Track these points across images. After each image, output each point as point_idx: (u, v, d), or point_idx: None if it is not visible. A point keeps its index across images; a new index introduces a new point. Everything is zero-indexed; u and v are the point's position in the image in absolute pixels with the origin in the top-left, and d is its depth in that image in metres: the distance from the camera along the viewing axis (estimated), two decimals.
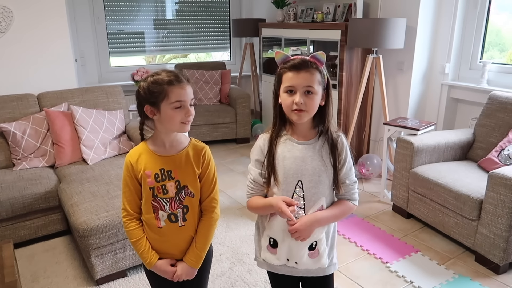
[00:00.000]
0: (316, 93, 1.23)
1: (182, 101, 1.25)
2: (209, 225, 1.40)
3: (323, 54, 1.24)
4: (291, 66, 1.23)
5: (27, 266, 2.33)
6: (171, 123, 1.27)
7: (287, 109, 1.25)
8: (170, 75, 1.26)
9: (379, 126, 3.74)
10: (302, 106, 1.22)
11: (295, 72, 1.22)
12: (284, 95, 1.25)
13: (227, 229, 2.75)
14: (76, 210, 2.15)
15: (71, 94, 3.08)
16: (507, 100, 2.68)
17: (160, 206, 1.34)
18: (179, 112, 1.25)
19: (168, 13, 4.92)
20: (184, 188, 1.34)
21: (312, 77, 1.22)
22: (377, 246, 2.53)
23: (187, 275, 1.41)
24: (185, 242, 1.40)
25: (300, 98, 1.21)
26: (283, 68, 1.25)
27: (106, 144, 2.95)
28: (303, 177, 1.28)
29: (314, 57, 1.24)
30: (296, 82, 1.22)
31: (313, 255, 1.35)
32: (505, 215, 2.12)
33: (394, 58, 3.48)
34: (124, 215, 1.37)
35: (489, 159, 2.59)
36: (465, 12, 3.19)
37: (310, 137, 1.31)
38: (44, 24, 3.12)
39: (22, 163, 2.74)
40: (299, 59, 1.23)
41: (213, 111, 4.40)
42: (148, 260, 1.37)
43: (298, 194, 1.29)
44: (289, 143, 1.30)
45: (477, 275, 2.25)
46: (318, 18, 3.98)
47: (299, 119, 1.25)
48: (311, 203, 1.30)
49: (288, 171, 1.28)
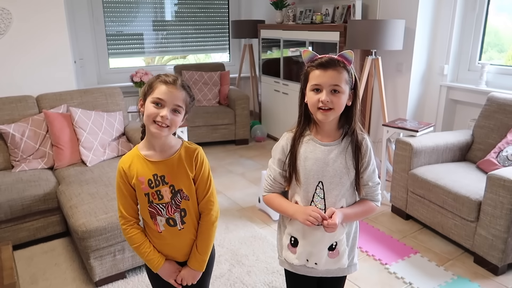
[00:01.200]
0: (343, 92, 1.22)
1: (161, 99, 1.24)
2: (208, 227, 1.39)
3: (351, 53, 1.22)
4: (318, 64, 1.22)
5: (26, 268, 2.33)
6: (146, 118, 1.26)
7: (313, 108, 1.24)
8: (170, 77, 1.26)
9: (378, 127, 3.75)
10: (329, 104, 1.20)
11: (322, 70, 1.21)
12: (310, 93, 1.24)
13: (226, 230, 2.75)
14: (75, 212, 2.15)
15: (70, 96, 3.08)
16: (505, 102, 2.69)
17: (157, 211, 1.33)
18: (155, 109, 1.24)
19: (167, 14, 4.93)
20: (179, 192, 1.33)
21: (339, 76, 1.21)
22: (376, 248, 2.53)
23: (192, 279, 1.41)
24: (186, 245, 1.40)
25: (326, 96, 1.20)
26: (310, 66, 1.24)
27: (105, 146, 2.95)
28: (324, 179, 1.28)
29: (342, 56, 1.22)
30: (323, 80, 1.21)
31: (333, 255, 1.35)
32: (504, 217, 2.12)
33: (393, 59, 3.48)
34: (123, 222, 1.36)
35: (487, 160, 2.59)
36: (464, 13, 3.20)
37: (334, 138, 1.30)
38: (43, 26, 3.12)
39: (21, 165, 2.74)
40: (326, 58, 1.22)
41: (212, 113, 4.40)
42: (155, 262, 1.36)
43: (319, 195, 1.30)
44: (311, 144, 1.30)
45: (475, 276, 2.25)
46: (317, 19, 3.98)
47: (325, 118, 1.23)
48: (332, 204, 1.30)
49: (309, 172, 1.28)
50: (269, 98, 4.72)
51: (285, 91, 4.38)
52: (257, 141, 4.74)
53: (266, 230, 2.77)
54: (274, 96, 4.60)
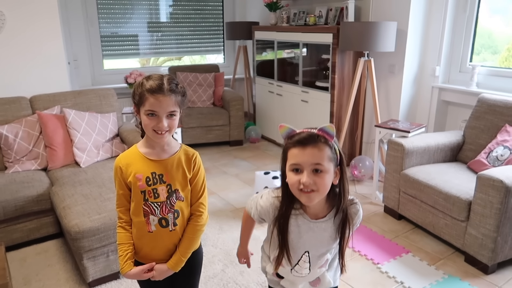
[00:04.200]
0: (326, 171, 1.09)
1: (154, 111, 1.26)
2: (195, 230, 1.41)
3: (332, 127, 1.09)
4: (296, 142, 1.10)
5: (19, 269, 2.33)
6: (145, 129, 1.30)
7: (294, 190, 1.12)
8: (154, 83, 1.25)
9: (371, 128, 3.78)
10: (311, 186, 1.08)
11: (300, 148, 1.09)
12: (290, 174, 1.11)
13: (219, 231, 2.76)
14: (68, 213, 2.16)
15: (64, 97, 3.08)
16: (495, 103, 2.73)
17: (151, 210, 1.34)
18: (151, 120, 1.27)
19: (162, 15, 4.93)
20: (175, 192, 1.35)
21: (320, 154, 1.08)
22: (369, 247, 2.55)
23: (160, 275, 1.39)
24: (175, 246, 1.41)
25: (307, 178, 1.07)
26: (288, 143, 1.12)
27: (99, 147, 2.95)
28: (311, 249, 1.24)
29: (322, 130, 1.10)
30: (302, 160, 1.08)
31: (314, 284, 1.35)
32: (493, 216, 2.15)
33: (385, 61, 3.52)
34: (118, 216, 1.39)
35: (478, 160, 2.63)
36: (455, 16, 3.24)
37: (324, 213, 1.20)
38: (36, 27, 3.12)
39: (14, 166, 2.74)
40: (305, 133, 1.10)
41: (207, 114, 4.42)
42: (120, 267, 1.37)
43: (304, 261, 1.26)
44: (300, 219, 1.20)
45: (466, 275, 2.28)
46: (311, 21, 4.01)
47: (309, 200, 1.11)
48: (316, 265, 1.28)
49: (296, 244, 1.23)
50: (263, 99, 4.74)
51: (279, 92, 4.40)
52: (252, 142, 4.75)
53: (259, 230, 2.78)
54: (269, 97, 4.62)
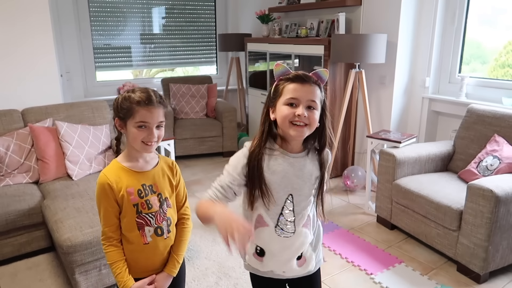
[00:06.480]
0: (317, 109, 1.18)
1: (146, 122, 1.28)
2: (186, 232, 1.48)
3: (326, 72, 1.20)
4: (296, 77, 1.18)
5: (10, 284, 2.30)
6: (134, 141, 1.31)
7: (285, 123, 1.17)
8: (142, 95, 1.28)
9: (363, 138, 3.81)
10: (305, 119, 1.16)
11: (299, 84, 1.17)
12: (284, 108, 1.17)
13: (213, 243, 2.75)
14: (60, 227, 2.14)
15: (56, 110, 3.07)
16: (484, 113, 2.77)
17: (145, 222, 1.35)
18: (142, 132, 1.29)
19: (155, 27, 4.96)
20: (166, 200, 1.40)
21: (315, 92, 1.18)
22: (362, 258, 2.56)
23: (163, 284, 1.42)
24: (168, 254, 1.44)
25: (303, 110, 1.15)
26: (284, 79, 1.19)
27: (91, 159, 2.94)
28: (294, 191, 1.25)
29: (316, 74, 1.20)
30: (300, 94, 1.16)
31: (300, 263, 1.34)
32: (484, 225, 2.18)
33: (376, 72, 3.56)
34: (103, 238, 1.37)
35: (468, 170, 2.66)
36: (443, 28, 3.30)
37: (299, 151, 1.26)
38: (29, 39, 3.12)
39: (6, 179, 2.71)
40: (302, 72, 1.19)
41: (200, 125, 4.42)
42: (122, 284, 1.36)
43: (288, 208, 1.25)
44: (280, 157, 1.23)
45: (458, 284, 2.29)
46: (302, 33, 4.06)
47: (299, 134, 1.18)
48: (300, 215, 1.27)
49: (279, 185, 1.23)
50: (256, 110, 4.77)
51: None
52: None
53: None
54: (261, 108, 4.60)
